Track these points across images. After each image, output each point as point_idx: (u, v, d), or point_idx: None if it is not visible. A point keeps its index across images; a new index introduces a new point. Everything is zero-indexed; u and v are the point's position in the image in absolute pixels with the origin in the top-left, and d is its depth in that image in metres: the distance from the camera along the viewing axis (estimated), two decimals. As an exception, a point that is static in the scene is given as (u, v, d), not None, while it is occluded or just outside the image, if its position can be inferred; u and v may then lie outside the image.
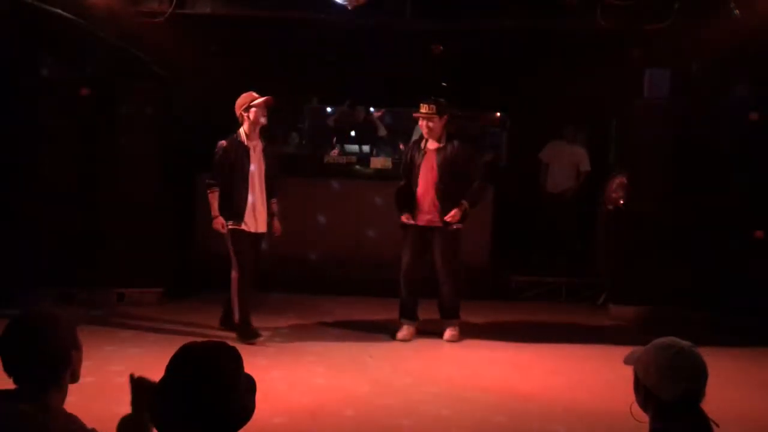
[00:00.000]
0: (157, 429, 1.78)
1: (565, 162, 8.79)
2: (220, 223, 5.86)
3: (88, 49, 7.11)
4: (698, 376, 2.22)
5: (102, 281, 6.96)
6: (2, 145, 6.94)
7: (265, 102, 5.86)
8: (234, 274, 5.90)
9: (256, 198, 5.91)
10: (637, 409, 2.31)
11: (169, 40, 6.93)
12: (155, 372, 1.86)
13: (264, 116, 5.89)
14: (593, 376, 5.36)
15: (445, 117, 6.08)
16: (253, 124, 5.86)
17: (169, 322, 6.45)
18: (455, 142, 6.09)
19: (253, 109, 5.84)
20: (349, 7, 6.34)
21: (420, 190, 6.07)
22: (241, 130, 5.90)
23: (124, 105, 7.10)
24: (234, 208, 5.86)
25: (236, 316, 5.89)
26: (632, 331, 6.61)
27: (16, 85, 7.01)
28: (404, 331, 6.17)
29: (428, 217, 6.05)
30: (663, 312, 6.93)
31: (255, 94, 5.86)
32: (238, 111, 5.88)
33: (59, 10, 6.36)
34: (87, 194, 6.99)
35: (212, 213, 5.89)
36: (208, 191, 5.92)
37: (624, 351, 2.50)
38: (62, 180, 7.01)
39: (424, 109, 6.04)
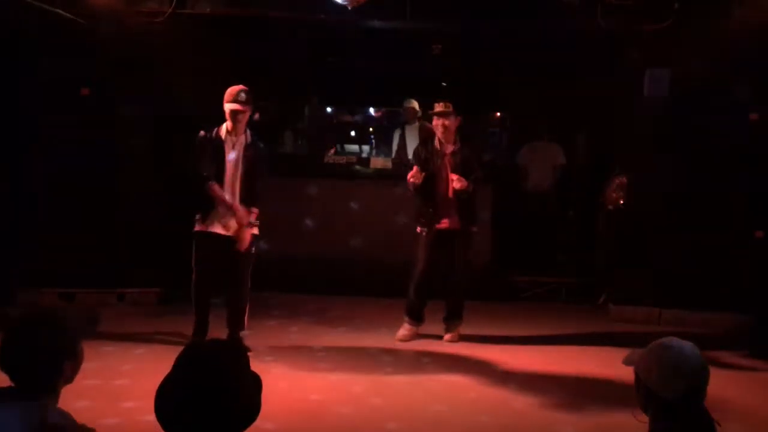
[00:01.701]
0: (162, 428, 1.78)
1: (541, 161, 8.86)
2: (243, 212, 5.42)
3: (88, 48, 7.10)
4: (700, 374, 2.23)
5: (102, 281, 6.96)
6: (2, 145, 6.94)
7: (231, 111, 5.43)
8: (192, 277, 5.61)
9: (231, 197, 5.48)
10: (639, 411, 2.31)
11: (169, 40, 6.92)
12: (158, 373, 1.86)
13: (236, 120, 5.45)
14: (593, 377, 5.36)
15: (459, 117, 5.97)
16: (228, 120, 5.49)
17: (170, 322, 6.44)
18: (467, 145, 6.02)
19: (226, 109, 5.49)
20: (349, 7, 6.34)
21: (439, 194, 5.93)
22: (225, 124, 5.54)
23: (123, 105, 7.11)
24: (204, 204, 5.50)
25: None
26: (632, 332, 6.60)
27: (16, 84, 7.01)
28: (405, 331, 6.14)
29: (446, 221, 5.96)
30: (663, 312, 6.96)
31: (232, 94, 5.42)
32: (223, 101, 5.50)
33: (59, 10, 6.36)
34: (87, 194, 6.99)
35: (230, 205, 5.44)
36: (208, 185, 5.45)
37: (624, 351, 2.51)
38: (62, 180, 7.01)
39: (439, 107, 5.90)
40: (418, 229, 6.04)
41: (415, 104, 9.07)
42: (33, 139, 7.04)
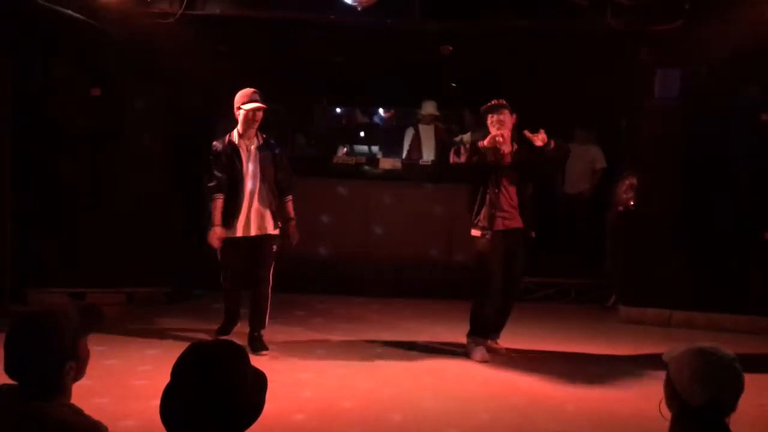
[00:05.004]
0: (166, 429, 1.79)
1: (580, 163, 8.79)
2: (216, 235, 5.57)
3: (99, 49, 7.15)
4: (730, 388, 2.18)
5: (111, 281, 6.99)
6: (13, 145, 6.99)
7: (252, 110, 5.51)
8: (221, 281, 5.83)
9: (250, 201, 5.56)
10: (665, 408, 2.26)
11: (179, 41, 6.96)
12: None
13: (254, 120, 5.54)
14: (602, 378, 5.34)
15: (515, 117, 5.65)
16: (244, 123, 5.56)
17: (179, 321, 6.49)
18: (526, 145, 5.62)
19: (242, 111, 5.54)
20: (358, 8, 6.35)
21: (503, 194, 5.57)
22: (235, 129, 5.62)
23: (132, 105, 7.15)
24: (225, 212, 5.58)
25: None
26: (641, 333, 6.58)
27: (27, 85, 7.06)
28: (484, 352, 5.65)
29: (511, 222, 5.59)
30: (673, 313, 6.92)
31: (249, 95, 5.51)
32: (234, 106, 5.58)
33: (71, 12, 6.40)
34: (96, 194, 7.02)
35: (213, 221, 5.59)
36: (213, 197, 5.61)
37: (633, 352, 2.48)
38: (71, 180, 7.06)
39: (493, 101, 5.63)
40: (479, 233, 5.59)
41: (433, 106, 9.05)
42: (43, 138, 7.08)
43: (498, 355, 5.78)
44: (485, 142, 5.53)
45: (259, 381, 1.88)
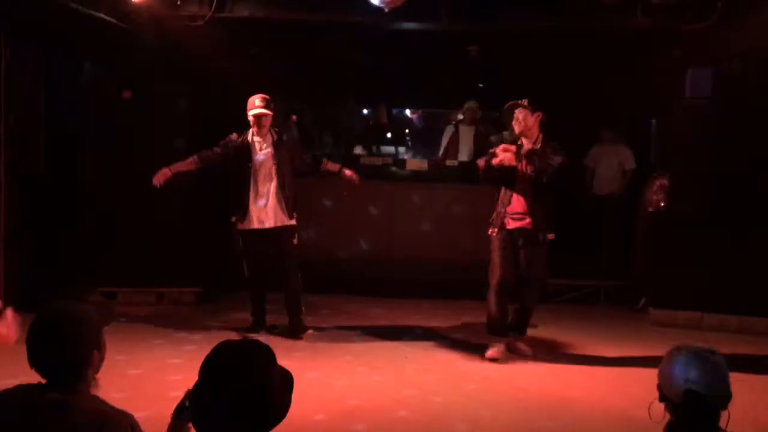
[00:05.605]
0: (195, 428, 1.81)
1: (609, 163, 8.69)
2: (161, 172, 5.85)
3: (129, 51, 7.23)
4: (709, 378, 2.26)
5: (141, 281, 7.06)
6: (43, 147, 7.09)
7: (255, 116, 5.89)
8: (245, 272, 6.17)
9: (264, 194, 5.94)
10: (654, 409, 2.36)
11: (207, 43, 7.02)
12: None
13: (260, 124, 5.91)
14: (632, 382, 5.27)
15: (539, 114, 5.63)
16: (253, 126, 5.96)
17: (208, 321, 6.54)
18: (550, 145, 5.60)
19: (249, 117, 5.92)
20: (386, 9, 6.35)
21: (516, 194, 5.62)
22: (251, 129, 6.01)
23: (162, 106, 7.22)
24: (239, 205, 5.98)
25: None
26: (670, 336, 6.50)
27: (59, 86, 7.16)
28: (494, 351, 5.65)
29: (520, 222, 5.61)
30: (704, 316, 6.83)
31: (257, 102, 5.89)
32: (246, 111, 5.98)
33: (102, 14, 6.49)
34: (126, 194, 7.10)
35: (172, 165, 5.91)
36: (193, 155, 6.00)
37: (660, 355, 2.49)
38: (102, 180, 7.15)
39: (517, 100, 5.66)
40: (490, 230, 5.71)
41: (476, 105, 9.00)
42: (74, 140, 7.18)
43: (519, 355, 5.77)
44: (498, 159, 5.50)
45: (286, 380, 1.89)
